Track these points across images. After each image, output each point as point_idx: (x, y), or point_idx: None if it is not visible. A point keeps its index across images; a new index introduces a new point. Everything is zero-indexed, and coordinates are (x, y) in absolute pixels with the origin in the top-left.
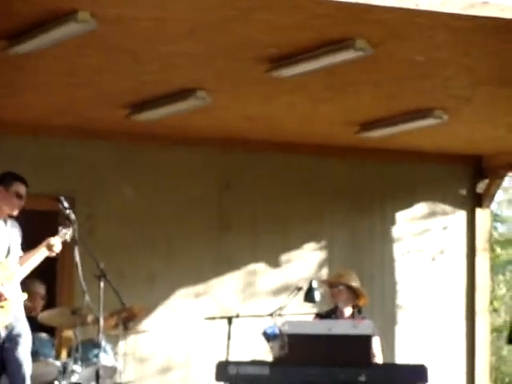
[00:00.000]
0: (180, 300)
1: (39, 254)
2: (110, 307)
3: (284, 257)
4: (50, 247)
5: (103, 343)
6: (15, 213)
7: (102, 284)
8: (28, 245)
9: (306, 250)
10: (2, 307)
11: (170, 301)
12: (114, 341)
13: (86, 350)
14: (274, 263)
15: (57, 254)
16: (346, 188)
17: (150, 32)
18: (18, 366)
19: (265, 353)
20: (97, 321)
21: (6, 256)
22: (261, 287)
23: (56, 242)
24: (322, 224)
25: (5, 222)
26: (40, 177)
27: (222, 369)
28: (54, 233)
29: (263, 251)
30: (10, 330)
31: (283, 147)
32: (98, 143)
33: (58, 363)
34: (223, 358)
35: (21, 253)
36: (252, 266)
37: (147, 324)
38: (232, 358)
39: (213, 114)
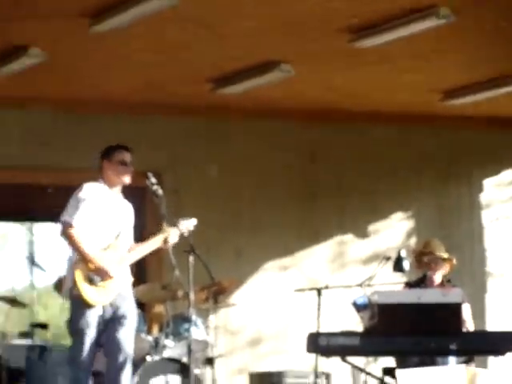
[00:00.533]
0: (268, 273)
1: (153, 244)
2: (200, 281)
3: (372, 227)
4: (166, 239)
5: (194, 317)
6: (127, 180)
7: (191, 259)
8: None
9: (393, 219)
10: (103, 287)
11: (258, 274)
12: (204, 315)
13: (177, 324)
14: (362, 233)
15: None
16: (432, 156)
17: (231, 6)
18: (119, 347)
19: (355, 323)
20: (187, 295)
21: (117, 237)
22: (349, 258)
23: (173, 234)
24: (409, 193)
25: (119, 201)
26: None
27: (313, 340)
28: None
29: (350, 222)
30: (114, 310)
31: (367, 117)
32: (184, 118)
33: (149, 338)
34: (314, 330)
35: (131, 237)
36: (339, 237)
37: (237, 297)
38: (322, 330)
39: (296, 86)
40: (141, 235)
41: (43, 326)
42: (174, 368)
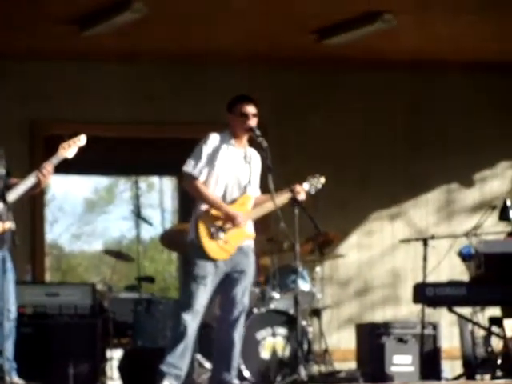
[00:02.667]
0: (374, 223)
1: (278, 201)
2: (306, 233)
3: (477, 175)
4: (293, 194)
5: (300, 269)
6: (253, 124)
7: (296, 210)
8: None
9: (499, 168)
10: (225, 241)
11: (364, 224)
12: (310, 266)
13: (284, 276)
14: (468, 182)
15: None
16: None
17: None
18: (234, 302)
19: (461, 273)
20: (293, 247)
21: (245, 191)
22: (455, 207)
23: (300, 191)
24: None
25: (244, 153)
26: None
27: (420, 290)
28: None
29: (456, 171)
30: (234, 265)
31: (470, 67)
32: (289, 69)
33: (256, 290)
34: (420, 280)
35: (257, 189)
36: (445, 187)
37: (343, 249)
38: (429, 280)
39: (399, 36)
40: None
41: (150, 280)
42: (281, 320)
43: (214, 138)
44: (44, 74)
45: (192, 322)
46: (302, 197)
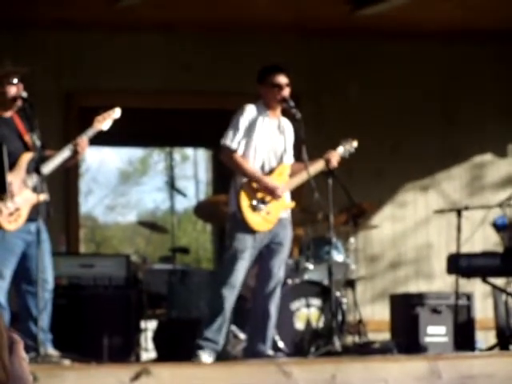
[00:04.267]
0: (408, 194)
1: (314, 168)
2: (339, 204)
3: (511, 147)
4: (327, 161)
5: (334, 240)
6: (286, 94)
7: (330, 181)
8: None
9: None
10: (266, 212)
11: (397, 195)
12: (344, 237)
13: (318, 247)
14: (502, 153)
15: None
16: None
17: None
18: (271, 274)
19: (495, 244)
20: (327, 218)
21: (281, 161)
22: (489, 179)
23: (334, 156)
24: None
25: (278, 123)
26: None
27: (454, 261)
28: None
29: (490, 142)
30: (272, 236)
31: (507, 35)
32: (323, 40)
33: (290, 261)
34: (454, 251)
35: (292, 157)
36: (479, 158)
37: (376, 219)
38: (463, 251)
39: (435, 5)
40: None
41: (184, 251)
42: (315, 291)
43: (250, 110)
44: (79, 44)
45: (230, 296)
46: (334, 163)
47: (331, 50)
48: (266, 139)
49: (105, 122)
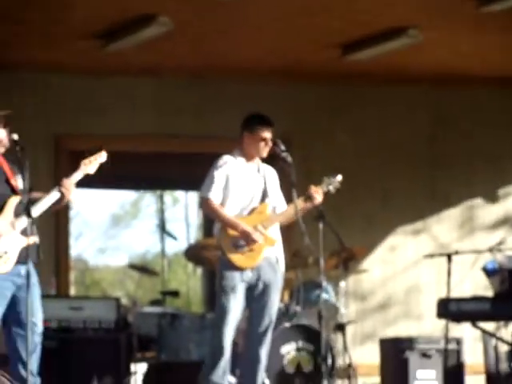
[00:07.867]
0: (398, 238)
1: (299, 203)
2: (330, 248)
3: (501, 191)
4: (310, 197)
5: (324, 284)
6: (264, 155)
7: (321, 225)
8: None
9: None
10: (250, 250)
11: (387, 240)
12: (334, 281)
13: (308, 291)
14: (492, 198)
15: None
16: None
17: None
18: (259, 316)
19: (485, 288)
20: (317, 262)
21: (262, 201)
22: (479, 223)
23: (316, 192)
24: None
25: (257, 167)
26: None
27: (443, 306)
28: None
29: (480, 186)
30: (261, 275)
31: (495, 82)
32: (312, 85)
33: (280, 305)
34: (444, 295)
35: (280, 199)
36: (469, 202)
37: (367, 263)
38: (453, 295)
39: (425, 52)
40: None
41: (174, 294)
42: (305, 335)
43: (225, 161)
44: (68, 88)
45: (228, 334)
46: (318, 199)
47: (320, 95)
48: (244, 183)
49: (91, 165)
